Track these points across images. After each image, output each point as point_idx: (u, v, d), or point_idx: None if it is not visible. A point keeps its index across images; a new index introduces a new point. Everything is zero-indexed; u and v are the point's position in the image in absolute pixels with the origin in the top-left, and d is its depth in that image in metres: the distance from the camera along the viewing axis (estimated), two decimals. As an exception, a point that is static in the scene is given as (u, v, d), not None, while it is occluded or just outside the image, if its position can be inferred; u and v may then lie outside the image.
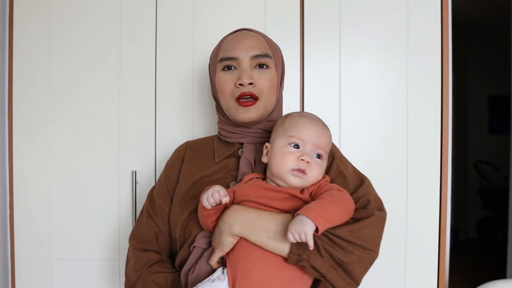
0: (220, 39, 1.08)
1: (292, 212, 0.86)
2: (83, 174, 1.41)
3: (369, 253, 0.88)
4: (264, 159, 0.96)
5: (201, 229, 0.96)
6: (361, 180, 1.00)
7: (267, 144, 0.97)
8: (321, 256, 0.84)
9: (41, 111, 1.41)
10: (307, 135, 0.91)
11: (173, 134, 1.41)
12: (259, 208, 0.90)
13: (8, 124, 1.43)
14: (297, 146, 0.91)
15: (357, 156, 1.41)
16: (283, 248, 0.85)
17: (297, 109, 1.41)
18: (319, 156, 0.92)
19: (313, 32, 1.41)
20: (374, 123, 1.41)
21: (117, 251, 1.41)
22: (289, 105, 1.42)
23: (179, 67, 1.41)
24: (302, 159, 0.89)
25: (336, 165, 1.00)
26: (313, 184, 0.91)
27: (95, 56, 1.41)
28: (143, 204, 1.39)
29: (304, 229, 0.78)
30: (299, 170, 0.89)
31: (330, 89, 1.42)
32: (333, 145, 1.05)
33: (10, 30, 1.42)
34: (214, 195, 0.88)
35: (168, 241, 1.06)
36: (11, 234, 1.42)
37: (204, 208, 0.89)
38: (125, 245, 1.40)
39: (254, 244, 0.87)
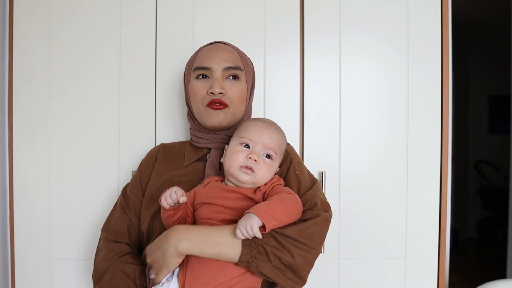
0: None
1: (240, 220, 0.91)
2: (83, 174, 1.41)
3: (313, 252, 0.94)
4: (222, 159, 1.04)
5: (165, 228, 1.01)
6: (312, 183, 1.05)
7: (226, 146, 1.05)
8: (270, 261, 0.90)
9: (41, 111, 1.42)
10: (257, 136, 0.99)
11: (173, 134, 1.41)
12: (215, 209, 0.96)
13: (8, 124, 1.43)
14: (247, 146, 1.00)
15: (357, 156, 1.42)
16: (234, 257, 0.90)
17: (297, 108, 1.41)
18: (269, 156, 0.99)
19: (313, 33, 1.41)
20: (374, 123, 1.41)
21: (117, 251, 1.41)
22: (289, 105, 1.42)
23: (179, 67, 1.41)
24: (250, 157, 0.97)
25: (293, 169, 1.06)
26: (266, 185, 0.98)
27: (95, 56, 1.41)
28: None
29: (250, 223, 0.85)
30: (246, 167, 0.96)
31: (330, 89, 1.42)
32: (294, 152, 1.13)
33: (10, 30, 1.42)
34: (172, 195, 0.94)
35: (138, 235, 1.12)
36: (11, 234, 1.42)
37: (165, 209, 0.95)
38: (125, 245, 1.41)
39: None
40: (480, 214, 4.62)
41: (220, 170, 1.09)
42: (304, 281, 0.95)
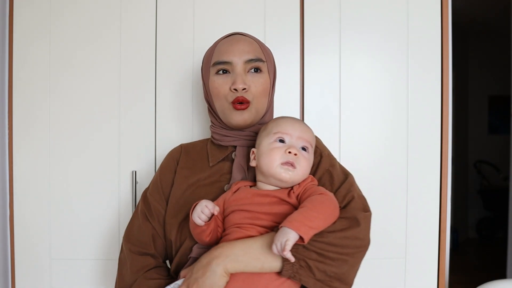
0: (217, 39, 1.09)
1: (275, 228, 0.87)
2: (83, 174, 1.41)
3: (360, 254, 0.90)
4: (253, 163, 0.98)
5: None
6: (345, 176, 1.01)
7: (253, 149, 0.99)
8: (314, 274, 0.85)
9: (41, 111, 1.41)
10: (291, 129, 0.94)
11: (173, 134, 1.41)
12: (249, 215, 0.91)
13: (8, 124, 1.42)
14: (282, 141, 0.94)
15: (357, 156, 1.42)
16: (277, 269, 0.86)
17: (296, 109, 1.41)
18: (304, 149, 0.94)
19: (313, 33, 1.41)
20: (374, 123, 1.41)
21: (117, 251, 1.41)
22: (289, 105, 1.42)
23: (179, 67, 1.41)
24: (289, 152, 0.91)
25: (324, 164, 1.02)
26: (299, 186, 0.93)
27: (95, 56, 1.41)
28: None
29: (286, 238, 0.79)
30: (287, 163, 0.91)
31: (330, 89, 1.42)
32: (321, 144, 1.08)
33: (10, 30, 1.42)
34: (204, 210, 0.89)
35: (164, 245, 1.06)
36: (11, 234, 1.42)
37: (197, 225, 0.90)
38: (125, 245, 1.41)
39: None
40: (480, 214, 4.62)
41: (248, 171, 1.03)
42: (350, 284, 0.91)
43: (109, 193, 1.41)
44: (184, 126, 1.41)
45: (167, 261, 1.09)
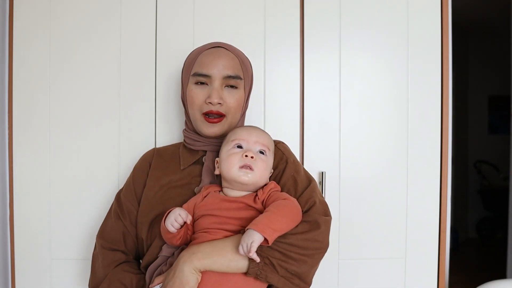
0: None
1: (242, 231, 0.91)
2: (83, 174, 1.41)
3: (318, 256, 0.96)
4: (216, 171, 1.03)
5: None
6: (309, 182, 1.05)
7: (217, 159, 1.04)
8: (277, 271, 0.90)
9: (41, 111, 1.41)
10: (247, 135, 1.00)
11: (173, 134, 1.41)
12: (218, 220, 0.95)
13: (8, 124, 1.42)
14: (240, 147, 0.99)
15: (356, 155, 1.42)
16: (244, 267, 0.90)
17: (297, 108, 1.41)
18: (262, 153, 1.00)
19: (313, 33, 1.41)
20: (374, 123, 1.41)
21: (117, 251, 1.41)
22: (289, 105, 1.42)
23: (179, 67, 1.40)
24: (246, 155, 0.97)
25: (289, 170, 1.06)
26: (263, 192, 0.97)
27: (95, 56, 1.41)
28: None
29: (252, 239, 0.85)
30: (245, 165, 0.96)
31: (330, 89, 1.42)
32: (288, 150, 1.12)
33: (10, 30, 1.42)
34: (177, 219, 0.94)
35: (134, 242, 1.11)
36: (11, 234, 1.42)
37: (168, 231, 0.95)
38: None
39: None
40: (480, 214, 4.62)
41: (216, 176, 1.07)
42: (309, 283, 0.97)
43: (109, 193, 1.41)
44: (184, 126, 1.41)
45: (140, 260, 1.13)
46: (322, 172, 1.39)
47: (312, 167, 1.39)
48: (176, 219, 0.94)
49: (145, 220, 1.07)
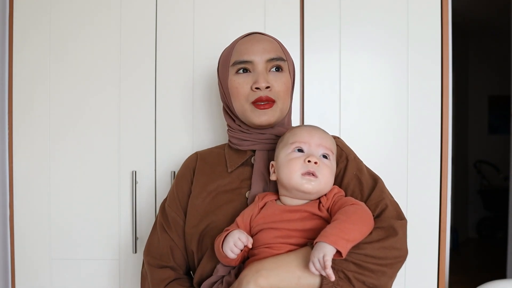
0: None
1: (309, 243, 0.83)
2: (83, 174, 1.41)
3: (398, 264, 0.87)
4: (273, 177, 0.94)
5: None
6: (375, 182, 0.96)
7: (272, 162, 0.95)
8: (354, 286, 0.81)
9: (41, 111, 1.41)
10: (309, 137, 0.90)
11: (173, 133, 1.41)
12: (281, 234, 0.86)
13: (8, 124, 1.42)
14: (301, 150, 0.89)
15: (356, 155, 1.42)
16: (315, 284, 0.81)
17: (297, 109, 1.41)
18: (325, 157, 0.90)
19: (313, 34, 1.41)
20: (373, 123, 1.41)
21: (117, 251, 1.41)
22: (289, 105, 1.42)
23: (179, 67, 1.40)
24: (309, 161, 0.86)
25: (351, 168, 0.97)
26: (327, 199, 0.88)
27: (96, 56, 1.41)
28: (143, 204, 1.40)
29: (323, 253, 0.75)
30: (308, 172, 0.86)
31: (330, 89, 1.41)
32: (346, 147, 1.04)
33: (10, 30, 1.42)
34: (237, 243, 0.84)
35: (184, 256, 1.03)
36: (11, 234, 1.42)
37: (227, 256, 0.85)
38: (125, 245, 1.41)
39: None
40: (480, 214, 4.62)
41: (269, 179, 0.98)
42: None
43: (109, 193, 1.41)
44: (184, 125, 1.41)
45: (191, 272, 1.07)
46: (322, 172, 1.39)
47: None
48: (235, 244, 0.83)
49: (194, 232, 0.98)
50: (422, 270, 1.41)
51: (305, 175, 0.86)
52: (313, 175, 0.86)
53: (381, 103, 1.41)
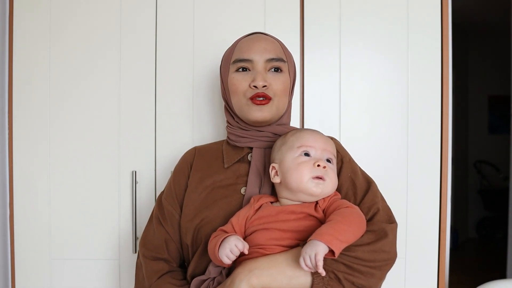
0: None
1: (301, 244, 0.84)
2: (83, 174, 1.41)
3: (387, 267, 0.89)
4: (276, 180, 0.94)
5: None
6: (368, 185, 0.99)
7: (273, 165, 0.95)
8: (343, 286, 0.83)
9: (41, 111, 1.41)
10: (314, 142, 0.92)
11: (174, 133, 1.41)
12: (274, 235, 0.88)
13: (8, 124, 1.42)
14: (308, 154, 0.92)
15: (357, 156, 1.41)
16: (306, 284, 0.83)
17: (297, 109, 1.41)
18: (329, 161, 0.93)
19: (313, 36, 1.41)
20: (374, 123, 1.41)
21: (117, 251, 1.41)
22: (289, 105, 1.41)
23: (179, 66, 1.40)
24: (318, 165, 0.89)
25: (345, 171, 1.00)
26: (324, 200, 0.90)
27: (95, 56, 1.41)
28: (143, 204, 1.40)
29: (315, 251, 0.76)
30: (318, 177, 0.88)
31: (330, 89, 1.41)
32: (342, 148, 1.06)
33: (10, 30, 1.42)
34: (234, 250, 0.85)
35: (178, 249, 1.05)
36: (11, 234, 1.42)
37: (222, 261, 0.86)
38: (125, 245, 1.41)
39: None
40: (480, 214, 4.62)
41: (264, 175, 1.00)
42: None
43: (109, 193, 1.41)
44: (184, 125, 1.41)
45: (186, 264, 1.08)
46: (322, 172, 1.39)
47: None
48: (232, 250, 0.84)
49: (189, 226, 1.00)
50: (422, 270, 1.41)
51: (315, 179, 0.89)
52: (322, 179, 0.89)
53: (381, 103, 1.41)
